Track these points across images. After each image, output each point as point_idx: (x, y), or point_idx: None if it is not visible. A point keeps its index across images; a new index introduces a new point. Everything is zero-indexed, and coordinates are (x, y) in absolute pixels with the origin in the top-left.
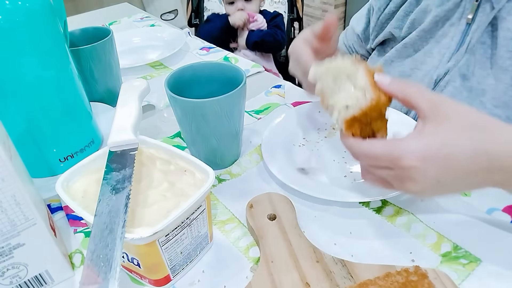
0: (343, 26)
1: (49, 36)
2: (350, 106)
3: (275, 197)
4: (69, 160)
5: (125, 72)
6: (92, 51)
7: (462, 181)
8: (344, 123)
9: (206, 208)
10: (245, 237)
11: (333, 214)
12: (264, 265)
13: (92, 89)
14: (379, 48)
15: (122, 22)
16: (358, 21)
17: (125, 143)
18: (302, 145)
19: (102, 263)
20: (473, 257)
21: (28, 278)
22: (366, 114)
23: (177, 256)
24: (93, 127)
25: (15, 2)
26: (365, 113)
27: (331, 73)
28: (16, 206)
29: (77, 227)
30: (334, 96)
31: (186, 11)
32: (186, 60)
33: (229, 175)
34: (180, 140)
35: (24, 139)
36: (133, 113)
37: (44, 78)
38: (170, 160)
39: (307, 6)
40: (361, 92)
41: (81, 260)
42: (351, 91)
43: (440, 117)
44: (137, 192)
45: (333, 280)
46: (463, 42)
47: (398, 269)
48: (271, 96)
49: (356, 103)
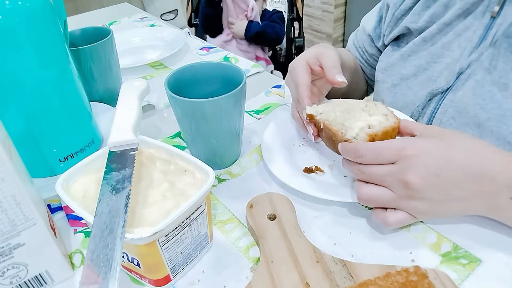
0: (343, 26)
1: (49, 36)
2: (372, 126)
3: (275, 197)
4: (69, 160)
5: (125, 72)
6: (92, 51)
7: (458, 187)
8: (367, 136)
9: (206, 208)
10: (245, 237)
11: (333, 214)
12: (264, 265)
13: (92, 89)
14: (393, 43)
15: (122, 22)
16: (368, 20)
17: (125, 143)
18: (302, 145)
19: (102, 263)
20: (473, 257)
21: (28, 278)
22: (387, 133)
23: (177, 256)
24: (93, 127)
25: (15, 2)
26: (386, 132)
27: (342, 107)
28: (16, 206)
29: (77, 227)
30: (349, 120)
31: (186, 11)
32: (186, 60)
33: (229, 175)
34: (180, 140)
35: (24, 139)
36: (133, 113)
37: (44, 78)
38: (170, 160)
39: (307, 6)
40: (384, 118)
41: (81, 260)
42: (369, 118)
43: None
44: (137, 192)
45: (333, 280)
46: (486, 35)
47: (398, 269)
48: (271, 96)
49: (379, 124)
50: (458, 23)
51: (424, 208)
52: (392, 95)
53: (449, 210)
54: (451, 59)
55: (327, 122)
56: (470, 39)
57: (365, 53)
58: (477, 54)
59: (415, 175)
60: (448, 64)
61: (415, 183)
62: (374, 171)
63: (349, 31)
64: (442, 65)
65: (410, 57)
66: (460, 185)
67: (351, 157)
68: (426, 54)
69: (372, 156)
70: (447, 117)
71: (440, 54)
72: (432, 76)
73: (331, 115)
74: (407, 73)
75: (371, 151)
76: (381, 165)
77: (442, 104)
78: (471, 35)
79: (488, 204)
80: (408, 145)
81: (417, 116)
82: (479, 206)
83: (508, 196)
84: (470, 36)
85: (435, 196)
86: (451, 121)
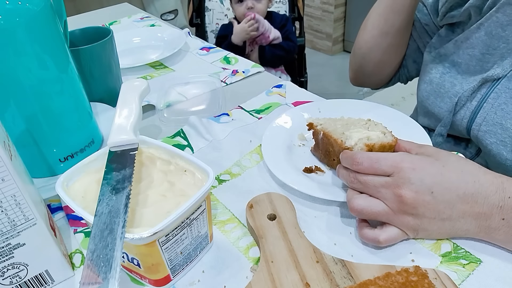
0: (343, 26)
1: (49, 36)
2: (371, 138)
3: (275, 197)
4: (69, 160)
5: (125, 72)
6: (92, 51)
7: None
8: (365, 146)
9: (206, 208)
10: (245, 237)
11: (333, 214)
12: (264, 265)
13: (92, 89)
14: (447, 27)
15: (122, 22)
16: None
17: (125, 143)
18: (302, 145)
19: (102, 263)
20: (473, 257)
21: (28, 278)
22: (384, 147)
23: (177, 256)
24: (93, 127)
25: (15, 2)
26: (383, 146)
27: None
28: (16, 206)
29: (77, 227)
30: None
31: (186, 11)
32: (186, 60)
33: (229, 175)
34: (180, 140)
35: (24, 139)
36: (133, 113)
37: (44, 78)
38: (170, 160)
39: (307, 6)
40: (382, 134)
41: (81, 260)
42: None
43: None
44: (137, 192)
45: (333, 280)
46: None
47: (398, 269)
48: (272, 96)
49: (377, 139)
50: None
51: (415, 224)
52: (439, 75)
53: (440, 229)
54: (505, 50)
55: (327, 131)
56: None
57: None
58: None
59: (410, 190)
60: (502, 54)
61: (409, 198)
62: (369, 180)
63: (349, 31)
64: (496, 56)
65: (462, 43)
66: (453, 204)
67: (348, 164)
68: (481, 44)
69: (368, 165)
70: (499, 102)
71: (496, 46)
72: (485, 66)
73: (331, 126)
74: (461, 61)
75: (368, 160)
76: (377, 176)
77: (495, 90)
78: None
79: (479, 226)
80: (405, 159)
81: (465, 100)
82: (471, 227)
83: (500, 217)
84: None
85: (427, 213)
86: (503, 106)
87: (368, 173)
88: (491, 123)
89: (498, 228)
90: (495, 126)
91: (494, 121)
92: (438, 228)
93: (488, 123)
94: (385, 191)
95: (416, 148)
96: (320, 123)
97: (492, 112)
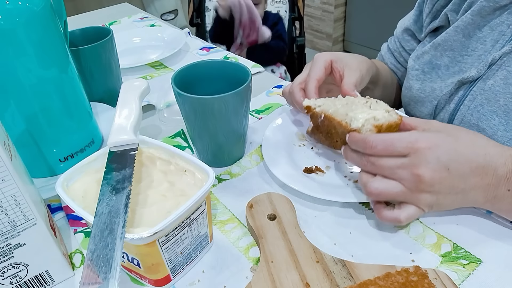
0: (343, 26)
1: (49, 36)
2: (378, 119)
3: (275, 197)
4: (69, 160)
5: (125, 72)
6: (92, 51)
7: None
8: (374, 127)
9: (206, 208)
10: (245, 237)
11: (333, 214)
12: (264, 265)
13: (92, 89)
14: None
15: (122, 22)
16: (405, 19)
17: (125, 143)
18: (302, 145)
19: (102, 263)
20: (473, 257)
21: (28, 278)
22: (391, 127)
23: (177, 256)
24: (93, 127)
25: (15, 2)
26: (390, 126)
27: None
28: (16, 206)
29: (77, 227)
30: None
31: (186, 11)
32: (186, 60)
33: (229, 175)
34: (180, 140)
35: (24, 139)
36: (133, 113)
37: (44, 78)
38: (170, 160)
39: (307, 6)
40: (386, 113)
41: (81, 260)
42: (373, 111)
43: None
44: (137, 192)
45: (333, 280)
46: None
47: (398, 269)
48: (272, 96)
49: (384, 118)
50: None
51: (432, 200)
52: (420, 81)
53: (452, 202)
54: (483, 51)
55: (328, 113)
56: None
57: (402, 53)
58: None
59: (427, 169)
60: (479, 56)
61: (427, 176)
62: (384, 162)
63: (349, 31)
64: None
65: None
66: (465, 178)
67: (360, 148)
68: (460, 46)
69: (383, 147)
70: (475, 104)
71: (474, 47)
72: (463, 68)
73: (331, 107)
74: (440, 63)
75: (382, 143)
76: (392, 157)
77: (471, 92)
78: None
79: (486, 196)
80: (419, 139)
81: (444, 103)
82: (479, 198)
83: (506, 188)
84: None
85: (443, 189)
86: (478, 107)
87: (383, 155)
88: (468, 124)
89: (503, 198)
90: (472, 127)
91: (470, 122)
92: (451, 201)
93: (465, 125)
94: (402, 172)
95: (423, 124)
96: (318, 105)
97: (469, 114)
